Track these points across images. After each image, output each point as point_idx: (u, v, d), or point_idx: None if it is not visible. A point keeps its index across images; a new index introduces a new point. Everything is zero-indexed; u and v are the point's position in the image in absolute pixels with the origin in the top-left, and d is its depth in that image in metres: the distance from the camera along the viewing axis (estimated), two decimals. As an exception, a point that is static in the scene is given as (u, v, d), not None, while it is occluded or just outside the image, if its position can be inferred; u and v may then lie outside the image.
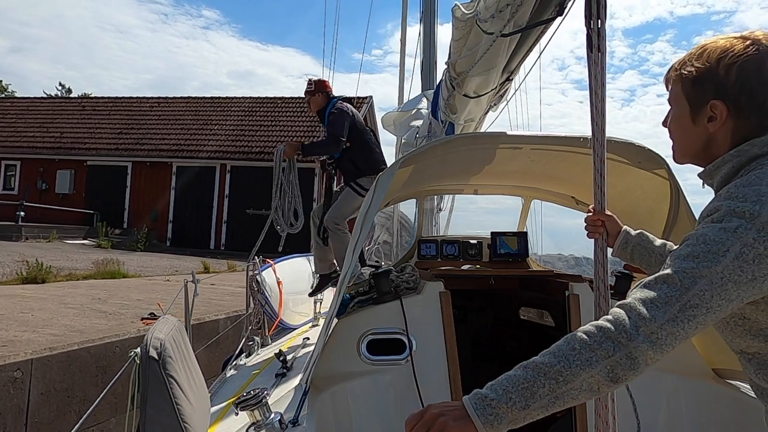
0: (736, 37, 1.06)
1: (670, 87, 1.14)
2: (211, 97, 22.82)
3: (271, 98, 22.08)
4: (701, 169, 1.11)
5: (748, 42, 1.03)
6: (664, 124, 1.17)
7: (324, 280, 3.81)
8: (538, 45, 2.43)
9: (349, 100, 4.24)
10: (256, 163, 18.31)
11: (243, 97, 22.45)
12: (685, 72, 1.07)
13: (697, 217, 2.14)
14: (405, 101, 5.78)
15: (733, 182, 0.99)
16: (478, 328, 3.27)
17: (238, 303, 6.55)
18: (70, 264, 9.64)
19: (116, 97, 23.56)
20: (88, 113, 21.99)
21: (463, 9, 2.45)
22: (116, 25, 76.11)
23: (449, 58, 2.99)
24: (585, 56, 1.12)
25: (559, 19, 1.88)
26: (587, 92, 1.11)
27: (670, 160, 2.15)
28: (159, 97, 22.93)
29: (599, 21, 1.12)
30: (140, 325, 5.10)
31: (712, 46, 1.06)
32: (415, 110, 4.84)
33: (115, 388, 3.41)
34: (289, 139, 18.93)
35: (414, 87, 6.72)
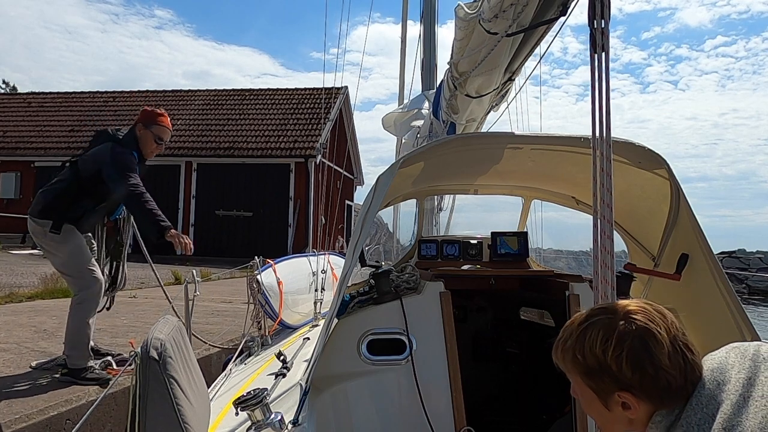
0: (609, 314, 1.02)
1: (561, 368, 1.10)
2: (172, 90, 21.06)
3: (238, 90, 20.57)
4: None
5: (623, 322, 1.00)
6: (574, 394, 1.12)
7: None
8: (539, 45, 2.43)
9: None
10: (224, 159, 17.11)
11: (207, 90, 20.82)
12: (575, 361, 1.04)
13: (697, 218, 2.15)
14: (405, 101, 5.78)
15: None
16: (478, 328, 3.27)
17: (231, 326, 5.26)
18: (13, 280, 8.03)
19: (67, 93, 21.58)
20: (35, 110, 20.21)
21: (465, 9, 2.45)
22: (63, 26, 74.70)
23: (451, 58, 2.99)
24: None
25: (562, 18, 1.87)
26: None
27: (670, 160, 2.15)
28: (114, 92, 21.10)
29: (603, 21, 1.10)
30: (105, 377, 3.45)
31: (592, 332, 1.02)
32: (416, 110, 4.84)
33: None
34: (260, 133, 17.70)
35: (405, 86, 6.72)
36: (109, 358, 3.70)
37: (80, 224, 3.45)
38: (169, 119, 3.82)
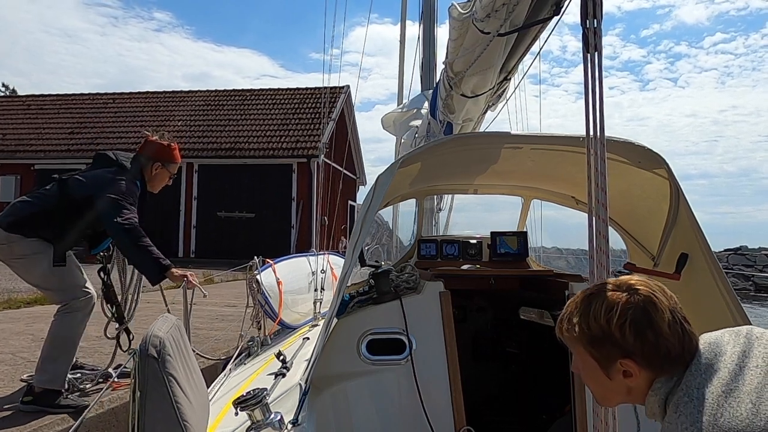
0: (612, 288, 1.07)
1: (565, 340, 1.14)
2: (172, 91, 20.87)
3: (238, 90, 20.43)
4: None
5: (626, 293, 1.05)
6: (574, 369, 1.16)
7: None
8: (534, 44, 2.43)
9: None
10: (226, 160, 16.96)
11: (207, 91, 20.59)
12: (579, 331, 1.08)
13: (697, 218, 2.15)
14: (404, 101, 5.78)
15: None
16: (478, 328, 3.27)
17: (237, 332, 4.63)
18: (12, 285, 7.58)
19: (66, 95, 21.27)
20: (34, 112, 20.00)
21: (459, 9, 2.46)
22: (63, 30, 74.75)
23: (446, 57, 3.00)
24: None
25: (555, 18, 1.87)
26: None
27: (670, 158, 2.15)
28: (114, 93, 20.89)
29: (595, 20, 1.10)
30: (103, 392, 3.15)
31: (596, 303, 1.07)
32: (415, 110, 4.84)
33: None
34: (262, 133, 17.57)
35: (404, 86, 6.71)
36: (110, 369, 3.48)
37: (55, 245, 3.08)
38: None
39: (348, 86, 18.81)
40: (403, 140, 5.13)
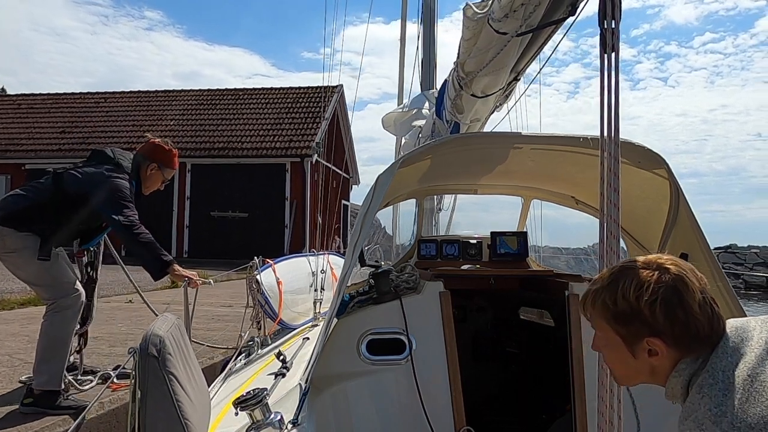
0: (641, 265, 1.05)
1: (589, 316, 1.12)
2: (164, 91, 20.63)
3: (231, 89, 20.25)
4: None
5: (656, 272, 1.03)
6: (595, 348, 1.14)
7: None
8: (547, 44, 2.43)
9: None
10: (219, 160, 16.84)
11: (200, 90, 20.33)
12: (606, 308, 1.06)
13: (696, 218, 2.16)
14: (404, 101, 5.78)
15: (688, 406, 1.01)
16: (477, 328, 3.27)
17: (234, 332, 4.74)
18: (5, 285, 7.46)
19: (57, 94, 21.05)
20: (25, 111, 19.77)
21: (474, 8, 2.43)
22: (53, 28, 74.19)
23: (458, 57, 2.98)
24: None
25: (570, 18, 1.87)
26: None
27: (670, 159, 2.15)
28: (106, 92, 20.66)
29: (613, 21, 1.10)
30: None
31: (625, 280, 1.05)
32: (416, 110, 4.83)
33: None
34: (255, 133, 17.46)
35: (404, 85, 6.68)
36: (109, 370, 3.43)
37: (48, 240, 3.03)
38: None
39: (341, 86, 18.70)
40: (404, 140, 5.13)
